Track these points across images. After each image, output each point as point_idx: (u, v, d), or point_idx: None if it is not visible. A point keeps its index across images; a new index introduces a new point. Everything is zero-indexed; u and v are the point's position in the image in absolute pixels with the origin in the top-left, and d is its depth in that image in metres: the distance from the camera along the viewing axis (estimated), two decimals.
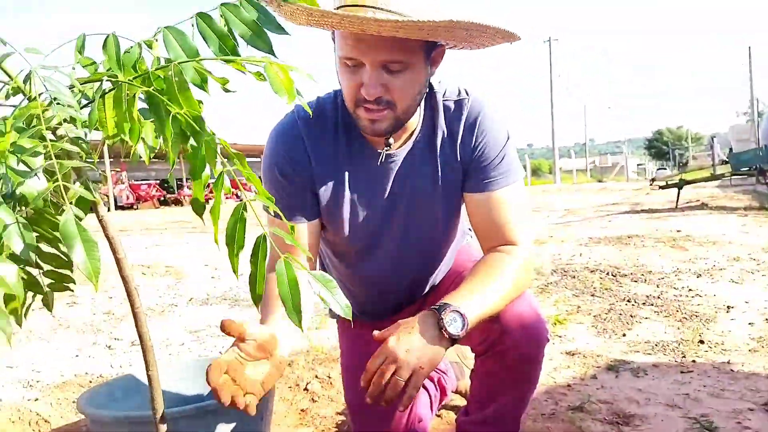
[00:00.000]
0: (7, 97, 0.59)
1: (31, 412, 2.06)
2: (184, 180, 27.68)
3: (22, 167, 0.51)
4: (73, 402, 2.13)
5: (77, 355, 2.77)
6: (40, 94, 0.55)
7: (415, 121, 1.29)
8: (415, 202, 1.33)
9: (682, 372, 2.10)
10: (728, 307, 2.95)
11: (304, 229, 1.30)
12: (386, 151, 1.28)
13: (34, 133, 0.50)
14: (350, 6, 1.07)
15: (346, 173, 1.30)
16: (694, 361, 2.21)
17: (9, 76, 0.58)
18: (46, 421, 1.99)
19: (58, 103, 0.51)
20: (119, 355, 2.75)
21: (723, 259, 4.26)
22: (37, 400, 2.18)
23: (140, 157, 0.66)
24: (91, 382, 2.36)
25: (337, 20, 1.04)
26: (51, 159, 0.49)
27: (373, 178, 1.31)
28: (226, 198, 0.72)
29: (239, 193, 0.70)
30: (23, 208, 0.54)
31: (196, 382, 1.49)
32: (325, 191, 1.30)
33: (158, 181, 27.83)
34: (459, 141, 1.29)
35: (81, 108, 0.57)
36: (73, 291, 0.78)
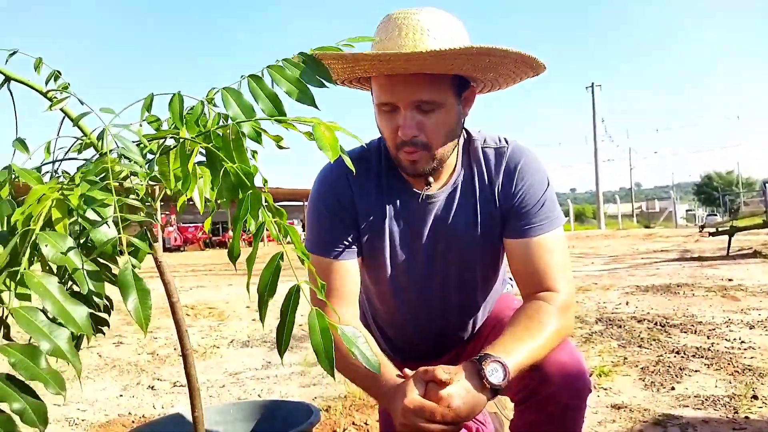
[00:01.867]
0: (79, 150, 0.65)
1: None
2: (230, 224, 28.38)
3: (94, 216, 0.56)
4: None
5: (121, 395, 2.83)
6: (111, 150, 0.60)
7: (453, 164, 1.32)
8: (454, 245, 1.35)
9: (734, 429, 2.00)
10: None
11: (353, 266, 1.33)
12: (426, 191, 1.31)
13: (104, 186, 0.55)
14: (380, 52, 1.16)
15: (387, 209, 1.34)
16: (747, 417, 2.11)
17: (84, 133, 0.64)
18: None
19: (126, 158, 0.56)
20: (162, 396, 2.79)
21: None
22: None
23: (187, 204, 0.71)
24: (134, 422, 2.40)
25: (369, 61, 1.14)
26: (119, 211, 0.54)
27: (412, 217, 1.34)
28: (269, 241, 0.74)
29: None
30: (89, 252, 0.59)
31: (235, 425, 1.50)
32: (366, 226, 1.34)
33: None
34: (498, 188, 1.31)
35: (146, 163, 0.62)
36: (104, 334, 0.82)
